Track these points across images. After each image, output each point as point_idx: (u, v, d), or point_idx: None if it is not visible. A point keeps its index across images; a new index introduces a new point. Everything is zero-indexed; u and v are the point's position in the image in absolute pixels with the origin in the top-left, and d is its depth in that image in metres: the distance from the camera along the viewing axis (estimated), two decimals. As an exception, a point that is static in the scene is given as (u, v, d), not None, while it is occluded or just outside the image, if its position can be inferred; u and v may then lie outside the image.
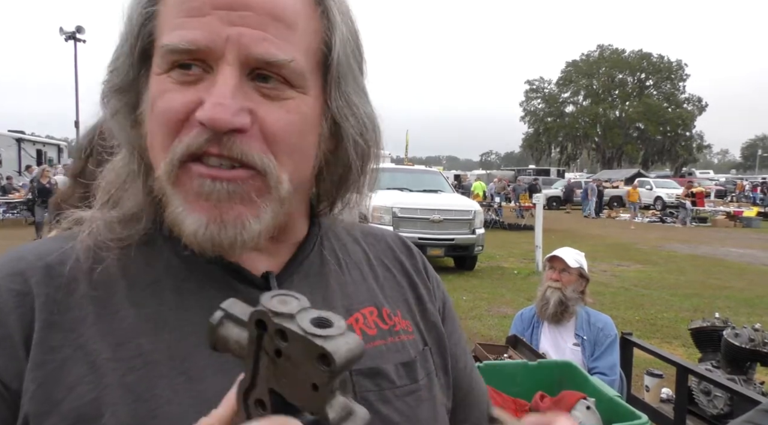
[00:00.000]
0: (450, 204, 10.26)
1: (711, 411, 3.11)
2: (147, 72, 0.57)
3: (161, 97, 0.53)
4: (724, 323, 3.40)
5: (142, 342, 0.54)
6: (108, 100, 0.59)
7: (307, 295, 0.62)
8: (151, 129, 0.55)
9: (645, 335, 6.25)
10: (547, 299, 2.96)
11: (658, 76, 59.75)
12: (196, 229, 0.53)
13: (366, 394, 0.59)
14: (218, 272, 0.59)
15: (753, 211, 23.13)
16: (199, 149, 0.52)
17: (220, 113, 0.50)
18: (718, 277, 10.38)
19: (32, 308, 0.54)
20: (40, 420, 0.49)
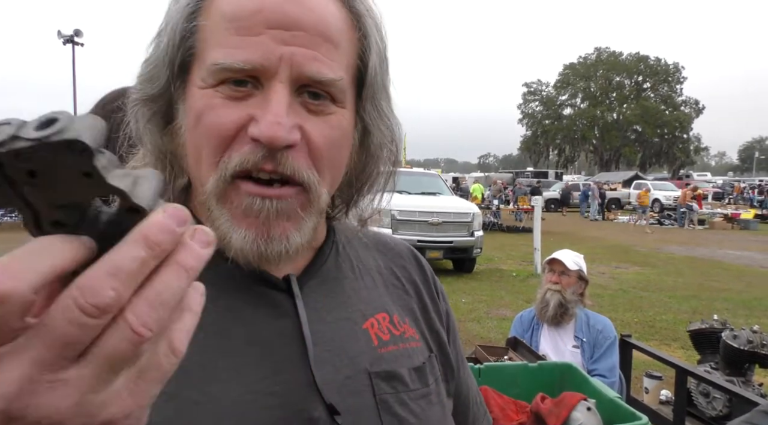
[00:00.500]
0: (448, 207, 10.27)
1: (710, 412, 3.11)
2: (183, 83, 0.58)
3: (210, 112, 0.54)
4: (722, 325, 3.40)
5: None
6: (139, 108, 0.60)
7: (324, 299, 0.64)
8: (196, 142, 0.56)
9: (644, 337, 6.26)
10: (546, 302, 2.97)
11: (655, 79, 59.96)
12: (243, 244, 0.54)
13: (384, 396, 0.60)
14: (240, 276, 0.60)
15: (750, 213, 23.18)
16: (255, 166, 0.53)
17: (279, 131, 0.52)
18: (716, 279, 10.40)
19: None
20: None
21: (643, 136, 57.82)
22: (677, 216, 22.81)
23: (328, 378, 0.58)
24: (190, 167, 0.59)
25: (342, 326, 0.63)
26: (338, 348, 0.60)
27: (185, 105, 0.57)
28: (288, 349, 0.57)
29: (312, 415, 0.55)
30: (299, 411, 0.55)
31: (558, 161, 63.83)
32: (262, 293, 0.60)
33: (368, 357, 0.62)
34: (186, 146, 0.58)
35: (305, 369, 0.57)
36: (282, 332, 0.58)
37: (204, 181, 0.55)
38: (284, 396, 0.55)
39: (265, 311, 0.59)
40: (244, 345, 0.56)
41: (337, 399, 0.57)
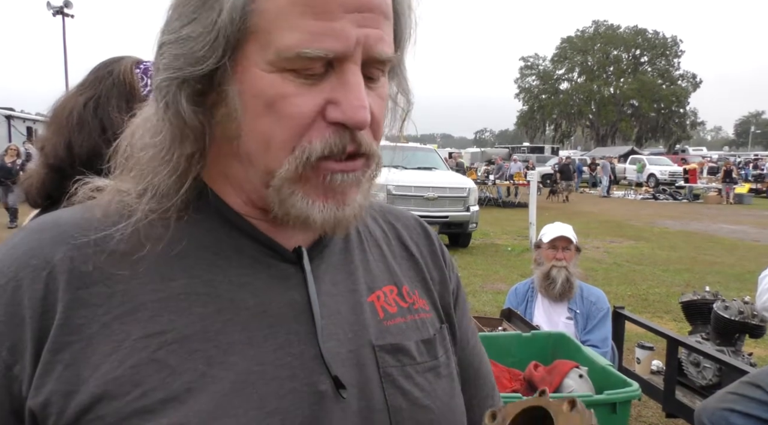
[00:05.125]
0: (444, 182, 10.26)
1: (700, 381, 3.17)
2: (233, 63, 0.54)
3: (284, 100, 0.53)
4: (714, 296, 3.45)
5: (173, 318, 0.54)
6: (176, 88, 0.54)
7: (332, 271, 0.64)
8: (268, 129, 0.53)
9: (637, 310, 6.34)
10: (553, 279, 2.97)
11: (653, 53, 59.48)
12: (324, 216, 0.55)
13: (389, 369, 0.60)
14: (250, 248, 0.60)
15: (745, 187, 23.28)
16: (342, 150, 0.54)
17: (365, 114, 0.52)
18: (710, 253, 10.50)
19: (56, 288, 0.53)
20: (66, 400, 0.49)
21: (639, 110, 57.58)
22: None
23: (333, 352, 0.58)
24: (246, 151, 0.56)
25: (348, 298, 0.62)
26: (343, 320, 0.60)
27: (239, 87, 0.54)
28: (297, 322, 0.57)
29: (319, 388, 0.55)
30: (308, 384, 0.55)
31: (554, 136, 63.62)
32: (271, 265, 0.59)
33: (373, 330, 0.62)
34: (245, 131, 0.55)
35: (313, 342, 0.57)
36: (291, 304, 0.58)
37: (275, 165, 0.54)
38: (294, 369, 0.55)
39: (275, 283, 0.59)
40: (254, 316, 0.56)
41: (342, 372, 0.57)
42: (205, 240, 0.58)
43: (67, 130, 1.15)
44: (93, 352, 0.51)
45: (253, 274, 0.58)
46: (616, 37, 60.15)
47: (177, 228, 0.57)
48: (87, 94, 1.17)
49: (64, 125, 1.15)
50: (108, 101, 1.16)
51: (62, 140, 1.15)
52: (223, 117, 0.56)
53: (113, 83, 1.18)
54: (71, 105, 1.17)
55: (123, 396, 0.49)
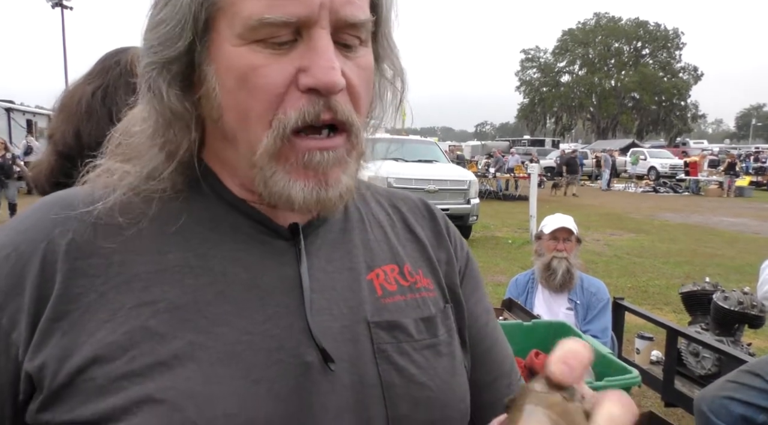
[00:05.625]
0: (445, 174, 10.28)
1: (699, 371, 3.20)
2: (206, 44, 0.55)
3: (255, 72, 0.53)
4: (713, 287, 3.47)
5: (166, 289, 0.55)
6: (156, 73, 0.57)
7: (328, 249, 0.64)
8: (241, 104, 0.54)
9: (637, 301, 6.35)
10: (554, 270, 2.99)
11: (654, 45, 59.28)
12: (304, 195, 0.55)
13: (383, 346, 0.61)
14: (246, 224, 0.61)
15: (745, 180, 23.25)
16: (316, 118, 0.54)
17: (335, 76, 0.52)
18: (710, 245, 10.51)
19: (55, 260, 0.55)
20: (60, 363, 0.51)
21: (640, 103, 57.44)
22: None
23: (324, 326, 0.58)
24: (229, 127, 0.57)
25: (344, 276, 0.63)
26: (337, 297, 0.61)
27: (215, 65, 0.55)
28: (288, 296, 0.59)
29: (306, 360, 0.56)
30: (295, 355, 0.56)
31: (555, 129, 63.52)
32: (266, 241, 0.61)
33: (370, 307, 0.62)
34: (223, 108, 0.56)
35: (302, 315, 0.58)
36: (283, 279, 0.59)
37: (255, 141, 0.55)
38: (281, 340, 0.56)
39: (268, 258, 0.60)
40: (245, 289, 0.58)
41: (333, 346, 0.58)
42: (202, 217, 0.60)
43: (76, 118, 1.16)
44: (89, 319, 0.53)
45: (247, 249, 0.60)
46: (617, 30, 59.93)
47: (175, 206, 0.60)
48: (95, 84, 1.19)
49: (74, 113, 1.17)
50: (116, 91, 1.18)
51: (71, 128, 1.16)
52: (205, 98, 0.57)
53: (120, 73, 1.19)
54: (80, 94, 1.18)
55: (114, 360, 0.51)
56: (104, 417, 0.50)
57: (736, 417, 2.13)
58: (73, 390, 0.51)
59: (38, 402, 0.52)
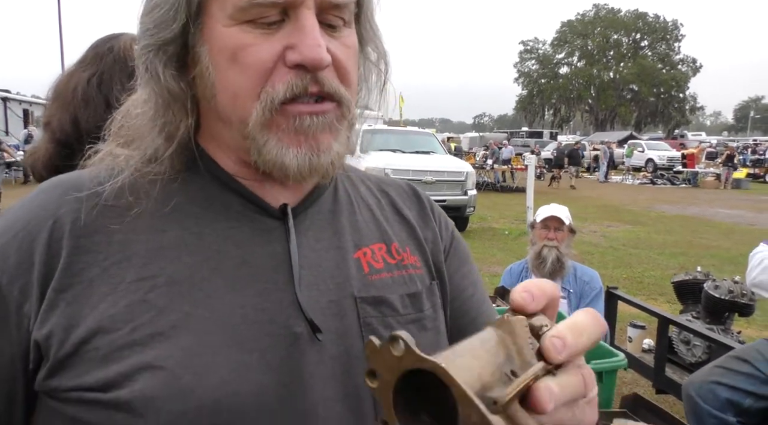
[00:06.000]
0: (442, 166, 10.30)
1: (690, 359, 3.25)
2: (200, 26, 0.59)
3: (245, 50, 0.57)
4: (705, 276, 3.51)
5: (163, 265, 0.59)
6: (153, 54, 0.60)
7: (316, 228, 0.68)
8: (232, 80, 0.58)
9: (631, 292, 6.40)
10: (544, 258, 3.03)
11: (653, 37, 59.12)
12: (297, 161, 0.59)
13: (369, 319, 0.64)
14: (238, 204, 0.65)
15: (743, 172, 23.30)
16: (304, 91, 0.57)
17: (321, 52, 0.55)
18: (706, 237, 10.57)
19: (61, 237, 0.58)
20: (66, 333, 0.55)
21: (639, 95, 57.39)
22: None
23: (312, 301, 0.61)
24: (220, 105, 0.60)
25: (332, 254, 0.66)
26: (324, 273, 0.64)
27: (208, 46, 0.59)
28: (277, 272, 0.62)
29: (295, 330, 0.60)
30: (284, 326, 0.60)
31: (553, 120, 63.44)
32: (257, 220, 0.64)
33: (357, 283, 0.65)
34: (216, 86, 0.60)
35: (291, 290, 0.61)
36: (273, 256, 0.63)
37: (245, 113, 0.58)
38: (272, 313, 0.60)
39: (259, 236, 0.63)
40: (237, 265, 0.61)
41: (320, 319, 0.61)
42: (197, 197, 0.64)
43: (73, 106, 1.18)
44: (92, 293, 0.56)
45: (238, 227, 0.63)
46: (616, 21, 59.75)
47: (171, 186, 0.63)
48: (90, 71, 1.20)
49: (70, 101, 1.19)
50: (111, 78, 1.19)
51: (68, 116, 1.18)
52: (199, 78, 0.61)
53: (114, 60, 1.21)
54: (75, 81, 1.19)
55: (116, 331, 0.55)
56: (108, 383, 0.53)
57: (722, 401, 2.18)
58: (79, 359, 0.55)
59: (46, 370, 0.55)
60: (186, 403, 0.53)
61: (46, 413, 0.57)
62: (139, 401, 0.53)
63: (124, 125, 0.66)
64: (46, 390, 0.56)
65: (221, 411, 0.54)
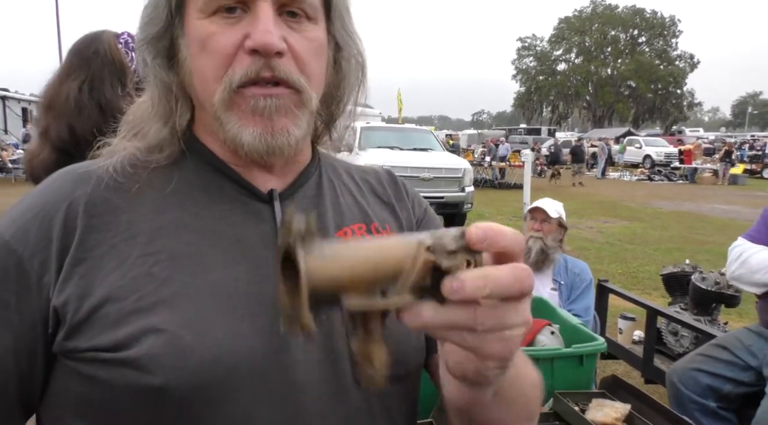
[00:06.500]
0: (440, 162, 10.36)
1: (678, 349, 3.32)
2: (181, 20, 0.68)
3: (211, 38, 0.65)
4: (693, 268, 3.59)
5: (165, 242, 0.66)
6: (145, 49, 0.70)
7: (302, 211, 0.75)
8: (202, 65, 0.67)
9: (626, 287, 6.47)
10: (528, 248, 3.10)
11: (650, 33, 59.14)
12: (252, 140, 0.66)
13: None
14: (231, 188, 0.72)
15: (740, 168, 23.40)
16: (257, 75, 0.64)
17: (270, 38, 0.63)
18: (701, 232, 10.65)
19: (75, 216, 0.66)
20: (80, 301, 0.63)
21: (636, 91, 57.45)
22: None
23: None
24: (196, 90, 0.69)
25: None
26: None
27: (186, 38, 0.68)
28: (267, 249, 0.69)
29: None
30: (272, 297, 0.66)
31: (551, 117, 63.51)
32: (248, 203, 0.72)
33: None
34: (192, 72, 0.68)
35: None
36: (263, 235, 0.70)
37: (211, 94, 0.66)
38: (261, 285, 0.67)
39: (250, 217, 0.71)
40: (231, 243, 0.69)
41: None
42: (195, 181, 0.72)
43: (67, 114, 1.23)
44: (103, 266, 0.64)
45: (231, 209, 0.71)
46: (614, 17, 59.77)
47: (172, 172, 0.72)
48: (80, 78, 1.25)
49: (64, 110, 1.24)
50: (102, 82, 1.24)
51: (64, 125, 1.23)
52: (180, 66, 0.70)
53: (102, 63, 1.26)
54: (66, 90, 1.24)
55: (124, 300, 0.62)
56: (117, 344, 0.61)
57: (703, 387, 2.26)
58: (91, 324, 0.62)
59: (63, 333, 0.63)
60: (186, 361, 0.61)
61: (64, 373, 0.65)
62: (146, 359, 0.60)
63: (131, 120, 0.75)
64: (64, 351, 0.64)
65: (217, 368, 0.62)
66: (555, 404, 1.58)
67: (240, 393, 0.63)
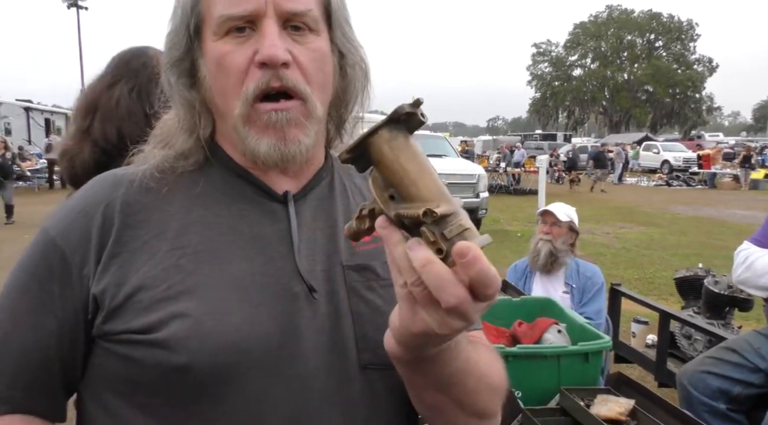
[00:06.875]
0: (454, 168, 10.40)
1: (691, 353, 3.31)
2: (199, 43, 0.76)
3: (225, 57, 0.72)
4: (706, 272, 3.59)
5: (191, 238, 0.74)
6: (170, 70, 0.78)
7: (313, 211, 0.84)
8: (220, 82, 0.74)
9: (642, 292, 6.41)
10: (538, 251, 3.15)
11: (668, 37, 58.60)
12: (268, 150, 0.73)
13: (354, 284, 0.78)
14: (249, 189, 0.80)
15: (761, 173, 23.00)
16: (267, 86, 0.71)
17: (274, 50, 0.70)
18: (720, 238, 10.52)
19: (113, 215, 0.74)
20: (117, 289, 0.71)
21: (654, 96, 56.89)
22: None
23: (309, 268, 0.76)
24: (217, 105, 0.77)
25: (325, 231, 0.81)
26: (319, 247, 0.79)
27: (204, 59, 0.75)
28: (281, 245, 0.77)
29: (294, 291, 0.74)
30: (286, 288, 0.74)
31: (567, 123, 63.12)
32: (265, 203, 0.79)
33: (345, 254, 0.80)
34: (212, 89, 0.76)
35: (292, 260, 0.76)
36: (277, 232, 0.78)
37: (232, 109, 0.74)
38: (277, 277, 0.75)
39: (267, 216, 0.78)
40: (249, 239, 0.76)
41: (315, 283, 0.76)
42: (218, 184, 0.80)
43: (117, 118, 1.33)
44: (136, 259, 0.72)
45: (250, 209, 0.79)
46: (630, 22, 59.34)
47: (197, 176, 0.80)
48: (130, 85, 1.35)
49: (114, 113, 1.34)
50: (148, 92, 1.34)
51: (113, 127, 1.33)
52: (201, 85, 0.78)
53: (149, 76, 1.36)
54: (117, 95, 1.34)
55: (154, 288, 0.70)
56: (148, 327, 0.69)
57: (713, 390, 2.28)
58: (126, 309, 0.70)
59: (101, 317, 0.71)
60: (208, 343, 0.68)
61: (101, 353, 0.73)
62: (173, 341, 0.68)
63: (161, 132, 0.83)
64: (101, 334, 0.72)
65: (235, 350, 0.69)
66: (561, 399, 1.62)
67: (254, 373, 0.70)
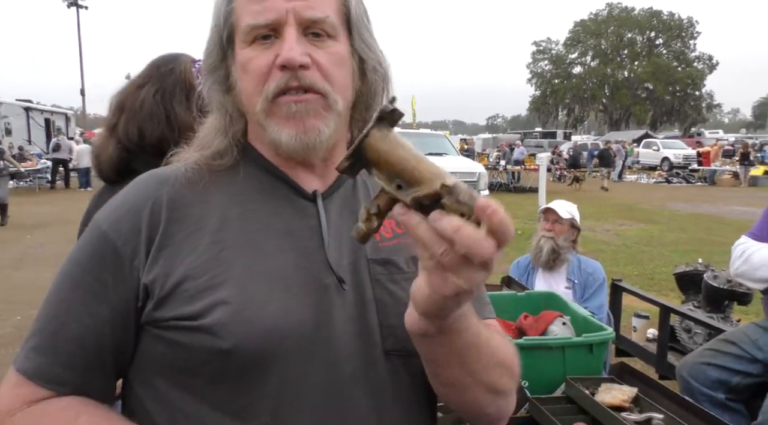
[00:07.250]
0: (454, 167, 10.48)
1: (691, 346, 3.37)
2: (232, 52, 0.83)
3: (250, 61, 0.80)
4: (705, 267, 3.65)
5: (230, 232, 0.80)
6: (207, 77, 0.86)
7: (339, 208, 0.91)
8: (246, 84, 0.81)
9: (642, 288, 6.39)
10: (540, 248, 3.21)
11: (668, 35, 58.56)
12: (289, 139, 0.79)
13: (378, 276, 0.85)
14: (282, 188, 0.86)
15: (760, 169, 23.06)
16: (286, 85, 0.78)
17: (293, 54, 0.77)
18: (719, 234, 10.57)
19: (160, 211, 0.80)
20: (165, 279, 0.77)
21: (654, 94, 56.88)
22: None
23: (337, 261, 0.82)
24: (244, 105, 0.84)
25: (351, 226, 0.86)
26: (345, 241, 0.85)
27: (236, 65, 0.83)
28: (312, 240, 0.83)
29: (325, 282, 0.80)
30: (318, 279, 0.81)
31: (567, 121, 63.15)
32: (296, 201, 0.86)
33: (370, 248, 0.86)
34: (241, 91, 0.83)
35: (322, 254, 0.82)
36: (309, 228, 0.84)
37: (254, 106, 0.81)
38: (309, 270, 0.81)
39: (298, 213, 0.85)
40: (283, 234, 0.82)
41: (343, 275, 0.82)
42: (253, 182, 0.86)
43: (140, 118, 1.41)
44: (181, 251, 0.78)
45: (283, 206, 0.85)
46: (630, 20, 59.30)
47: (233, 175, 0.86)
48: (154, 88, 1.42)
49: (137, 114, 1.41)
50: (171, 97, 1.42)
51: (135, 127, 1.41)
52: (234, 88, 0.85)
53: (175, 81, 1.44)
54: (142, 96, 1.42)
55: (198, 278, 0.77)
56: (194, 313, 0.75)
57: (712, 380, 2.34)
58: (173, 297, 0.76)
59: (151, 305, 0.77)
60: (248, 328, 0.74)
61: (150, 339, 0.79)
62: (217, 327, 0.74)
63: (200, 136, 0.90)
64: (151, 321, 0.78)
65: (273, 335, 0.75)
66: (567, 388, 1.69)
67: (291, 357, 0.76)
